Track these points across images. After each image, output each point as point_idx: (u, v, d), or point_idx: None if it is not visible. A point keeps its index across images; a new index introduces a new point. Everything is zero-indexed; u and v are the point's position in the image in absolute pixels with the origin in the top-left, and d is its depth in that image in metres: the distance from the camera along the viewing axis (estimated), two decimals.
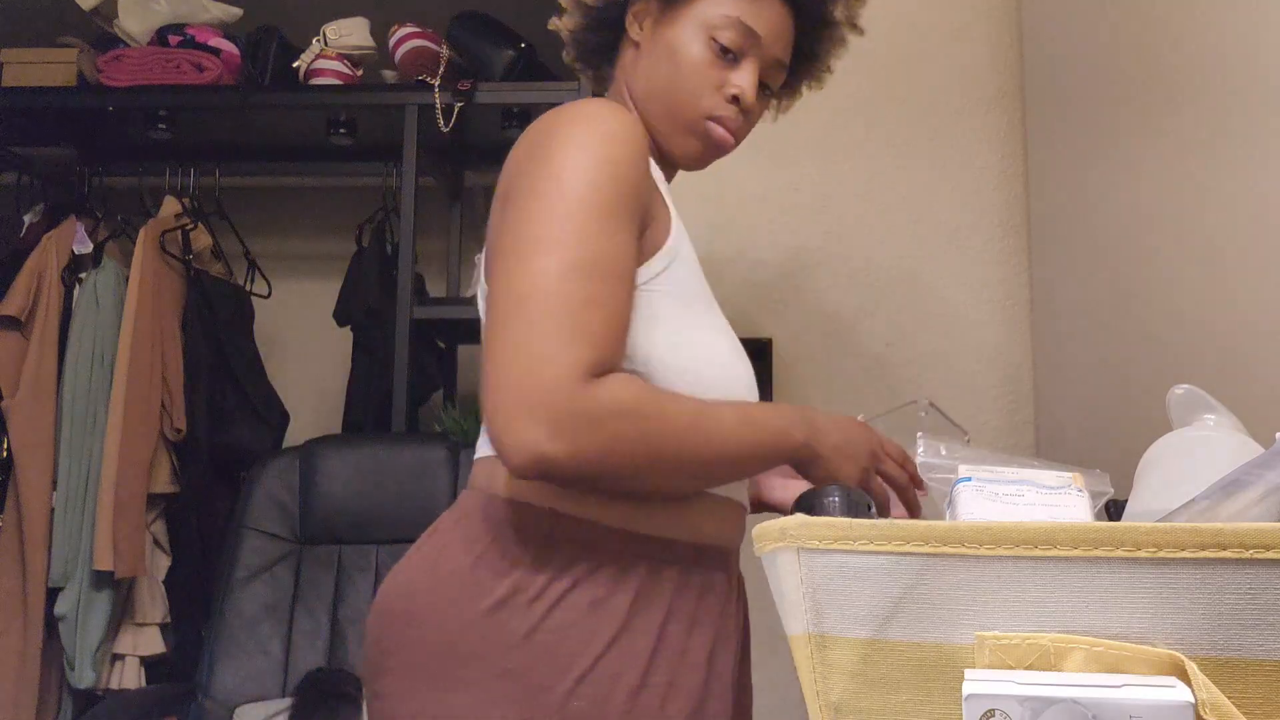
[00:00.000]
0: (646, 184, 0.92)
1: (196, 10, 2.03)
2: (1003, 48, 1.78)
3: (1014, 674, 0.49)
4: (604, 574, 0.90)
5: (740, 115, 1.03)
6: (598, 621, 0.89)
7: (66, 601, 1.78)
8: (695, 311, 0.96)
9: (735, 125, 1.03)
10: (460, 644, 0.88)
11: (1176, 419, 0.75)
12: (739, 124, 1.03)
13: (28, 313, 1.88)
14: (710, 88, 1.01)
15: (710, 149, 1.04)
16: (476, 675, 0.87)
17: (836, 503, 0.70)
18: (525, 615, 0.88)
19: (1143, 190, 1.29)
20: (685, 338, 0.94)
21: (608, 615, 0.89)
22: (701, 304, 0.98)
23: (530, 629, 0.88)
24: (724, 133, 1.02)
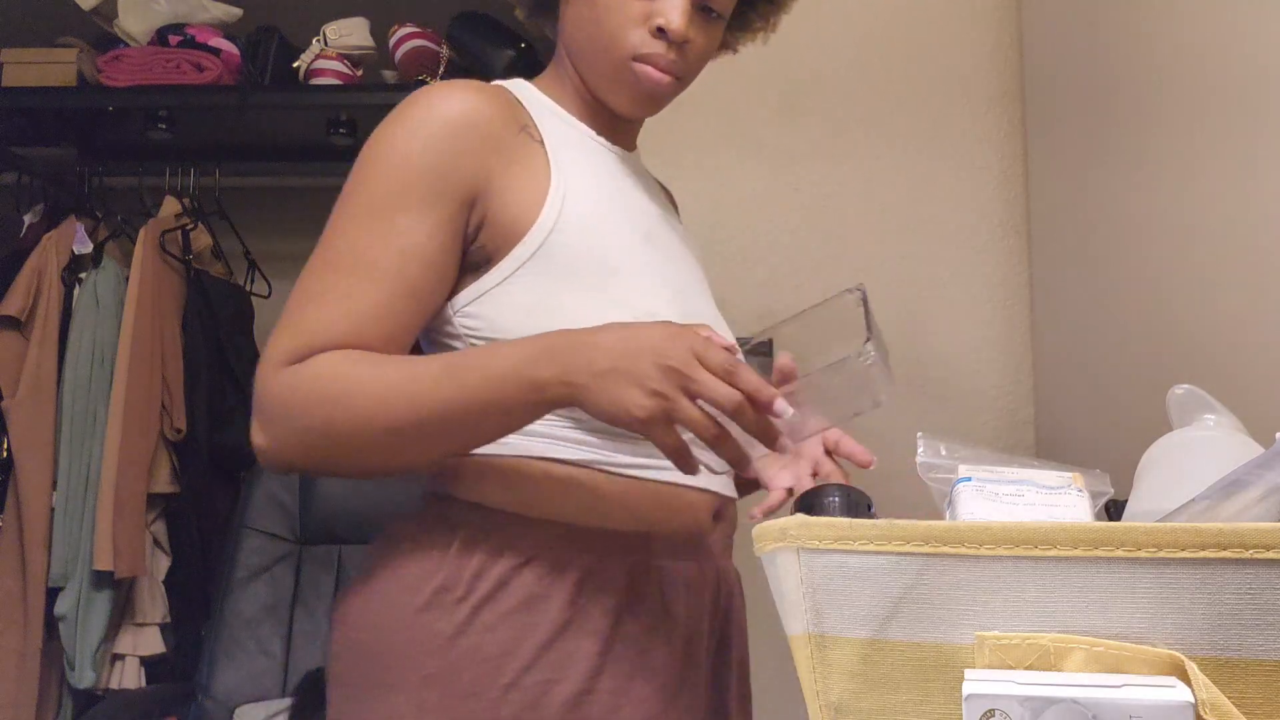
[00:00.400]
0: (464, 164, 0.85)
1: (196, 10, 2.03)
2: (1003, 48, 1.78)
3: (1014, 674, 0.49)
4: (538, 568, 0.84)
5: (673, 50, 0.90)
6: (531, 621, 0.83)
7: (66, 601, 1.78)
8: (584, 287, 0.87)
9: (667, 62, 0.90)
10: (388, 648, 0.84)
11: (1176, 419, 0.75)
12: (672, 60, 0.90)
13: (28, 313, 1.88)
14: (632, 22, 0.89)
15: (642, 95, 0.92)
16: (402, 681, 0.83)
17: (836, 503, 0.70)
18: (451, 615, 0.83)
19: (1143, 190, 1.29)
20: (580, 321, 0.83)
21: (543, 615, 0.83)
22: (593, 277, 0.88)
23: (456, 630, 0.82)
24: (655, 73, 0.90)
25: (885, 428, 1.74)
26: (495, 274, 0.86)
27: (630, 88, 0.92)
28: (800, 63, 1.79)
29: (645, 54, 0.90)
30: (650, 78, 0.91)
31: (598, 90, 0.95)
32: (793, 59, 1.79)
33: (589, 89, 0.96)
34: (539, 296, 0.86)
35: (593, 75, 0.94)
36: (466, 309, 0.88)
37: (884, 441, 1.72)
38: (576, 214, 0.88)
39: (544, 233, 0.86)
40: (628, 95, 0.93)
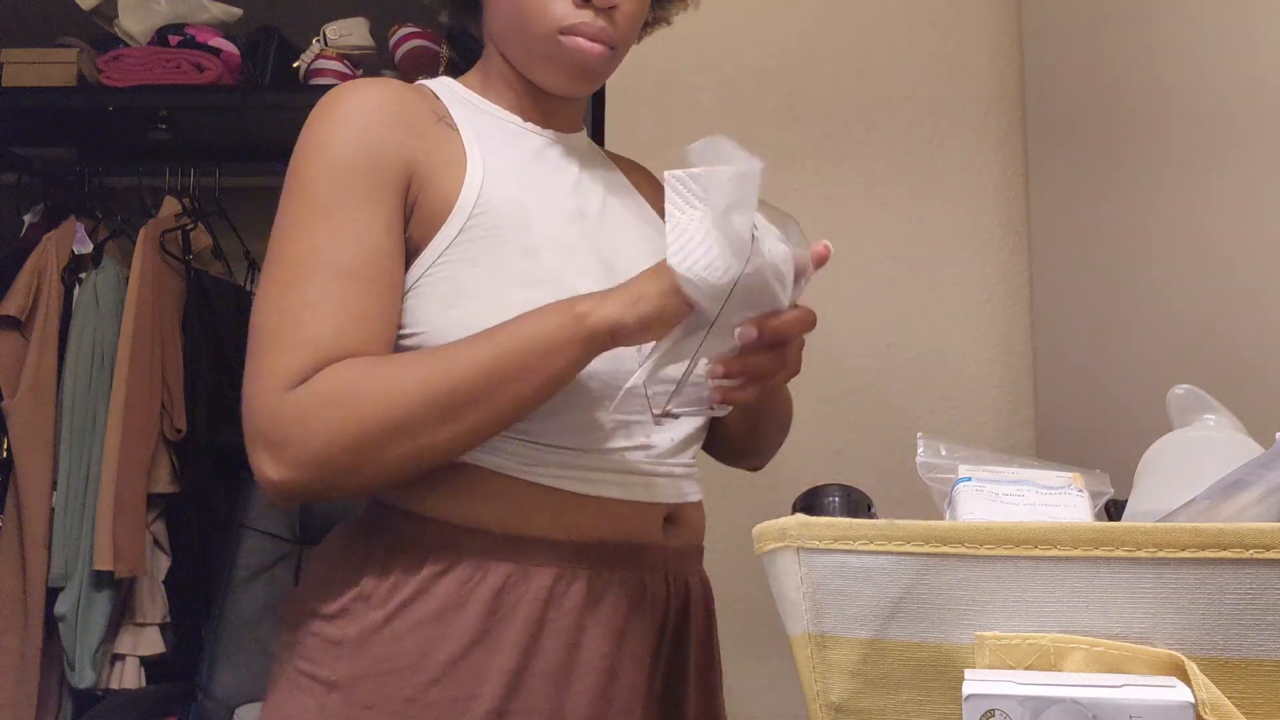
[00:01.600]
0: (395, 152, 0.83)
1: (196, 10, 2.03)
2: (1003, 48, 1.78)
3: (1014, 674, 0.49)
4: (458, 576, 0.80)
5: (601, 16, 0.87)
6: (442, 633, 0.79)
7: (66, 601, 1.78)
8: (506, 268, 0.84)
9: (596, 30, 0.87)
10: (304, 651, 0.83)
11: (1176, 419, 0.75)
12: (602, 28, 0.87)
13: (28, 313, 1.88)
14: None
15: (575, 69, 0.89)
16: (310, 684, 0.81)
17: (836, 503, 0.70)
18: (363, 622, 0.80)
19: (1143, 190, 1.29)
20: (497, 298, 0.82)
21: (456, 626, 0.79)
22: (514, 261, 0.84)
23: (363, 639, 0.80)
24: (585, 43, 0.87)
25: (886, 427, 1.74)
26: (418, 266, 0.83)
27: (561, 62, 0.88)
28: (800, 63, 1.79)
29: (572, 25, 0.86)
30: (581, 49, 0.87)
31: (528, 72, 0.92)
32: (793, 59, 1.79)
33: (519, 73, 0.93)
34: (460, 283, 0.82)
35: (521, 56, 0.91)
36: None
37: (884, 441, 1.73)
38: (494, 196, 0.85)
39: (462, 217, 0.83)
40: (560, 71, 0.89)
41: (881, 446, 1.71)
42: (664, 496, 0.90)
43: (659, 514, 0.90)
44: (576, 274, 0.86)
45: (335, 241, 0.80)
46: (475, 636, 0.79)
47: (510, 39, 0.91)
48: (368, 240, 0.80)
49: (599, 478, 0.86)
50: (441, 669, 0.79)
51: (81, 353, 1.86)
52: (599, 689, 0.82)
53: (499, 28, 0.92)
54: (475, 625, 0.80)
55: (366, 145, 0.82)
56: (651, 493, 0.88)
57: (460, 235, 0.83)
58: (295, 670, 0.83)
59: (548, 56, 0.89)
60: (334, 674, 0.80)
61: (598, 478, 0.85)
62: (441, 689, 0.78)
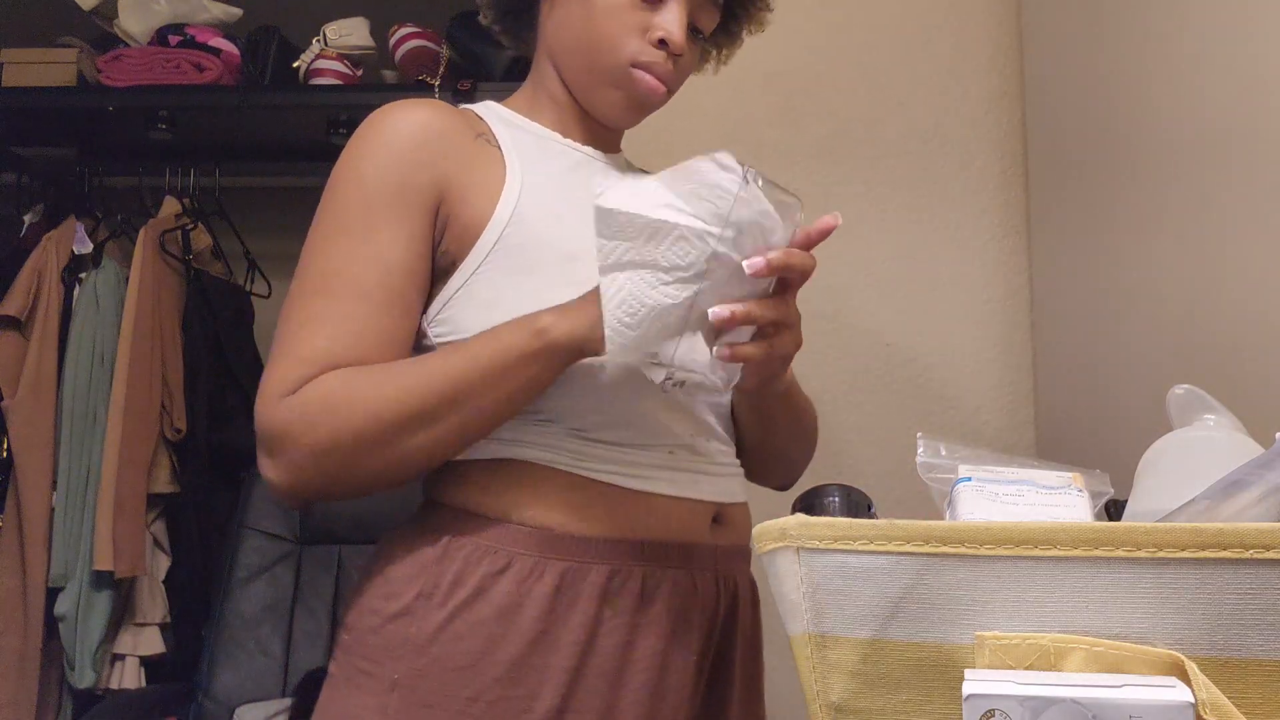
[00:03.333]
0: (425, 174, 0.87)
1: (196, 10, 2.03)
2: (1003, 48, 1.78)
3: (1014, 674, 0.49)
4: (516, 574, 0.82)
5: (669, 60, 0.92)
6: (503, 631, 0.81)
7: (66, 601, 1.78)
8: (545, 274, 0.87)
9: (664, 72, 0.92)
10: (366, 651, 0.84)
11: (1176, 419, 0.75)
12: (668, 71, 0.92)
13: (28, 313, 1.88)
14: (633, 32, 0.90)
15: (636, 101, 0.94)
16: (371, 683, 0.82)
17: (836, 503, 0.70)
18: (425, 622, 0.82)
19: (1143, 190, 1.29)
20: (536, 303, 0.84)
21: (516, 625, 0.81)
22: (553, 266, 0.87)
23: (428, 638, 0.82)
24: (652, 80, 0.92)
25: (886, 427, 1.74)
26: (459, 276, 0.87)
27: (625, 91, 0.93)
28: (800, 63, 1.79)
29: (645, 62, 0.91)
30: (648, 83, 0.92)
31: (586, 95, 0.95)
32: (793, 60, 1.79)
33: (573, 94, 0.96)
34: (499, 291, 0.86)
35: (583, 79, 0.94)
36: (438, 316, 0.88)
37: (884, 441, 1.73)
38: (533, 205, 0.88)
39: (500, 226, 0.87)
40: (620, 100, 0.94)
41: (881, 446, 1.71)
42: (712, 495, 0.92)
43: (708, 513, 0.92)
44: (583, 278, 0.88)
45: (351, 261, 0.84)
46: (535, 635, 0.81)
47: (575, 61, 0.94)
48: (382, 261, 0.84)
49: (650, 474, 0.88)
50: (504, 668, 0.81)
51: (81, 353, 1.86)
52: (651, 686, 0.84)
53: (563, 47, 0.95)
54: (535, 624, 0.81)
55: (397, 169, 0.86)
56: (700, 490, 0.91)
57: (498, 244, 0.86)
58: (355, 669, 0.84)
59: (614, 84, 0.93)
60: (395, 673, 0.81)
61: (649, 474, 0.88)
62: (503, 688, 0.80)
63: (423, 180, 0.87)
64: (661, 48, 0.91)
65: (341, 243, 0.85)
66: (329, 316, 0.83)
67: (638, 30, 0.91)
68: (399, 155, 0.87)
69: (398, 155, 0.87)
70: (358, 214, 0.85)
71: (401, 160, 0.87)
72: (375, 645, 0.84)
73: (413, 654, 0.81)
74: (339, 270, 0.84)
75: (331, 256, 0.85)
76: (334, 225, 0.86)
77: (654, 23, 0.91)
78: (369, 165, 0.87)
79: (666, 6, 0.91)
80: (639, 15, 0.90)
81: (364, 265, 0.84)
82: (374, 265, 0.84)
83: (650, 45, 0.91)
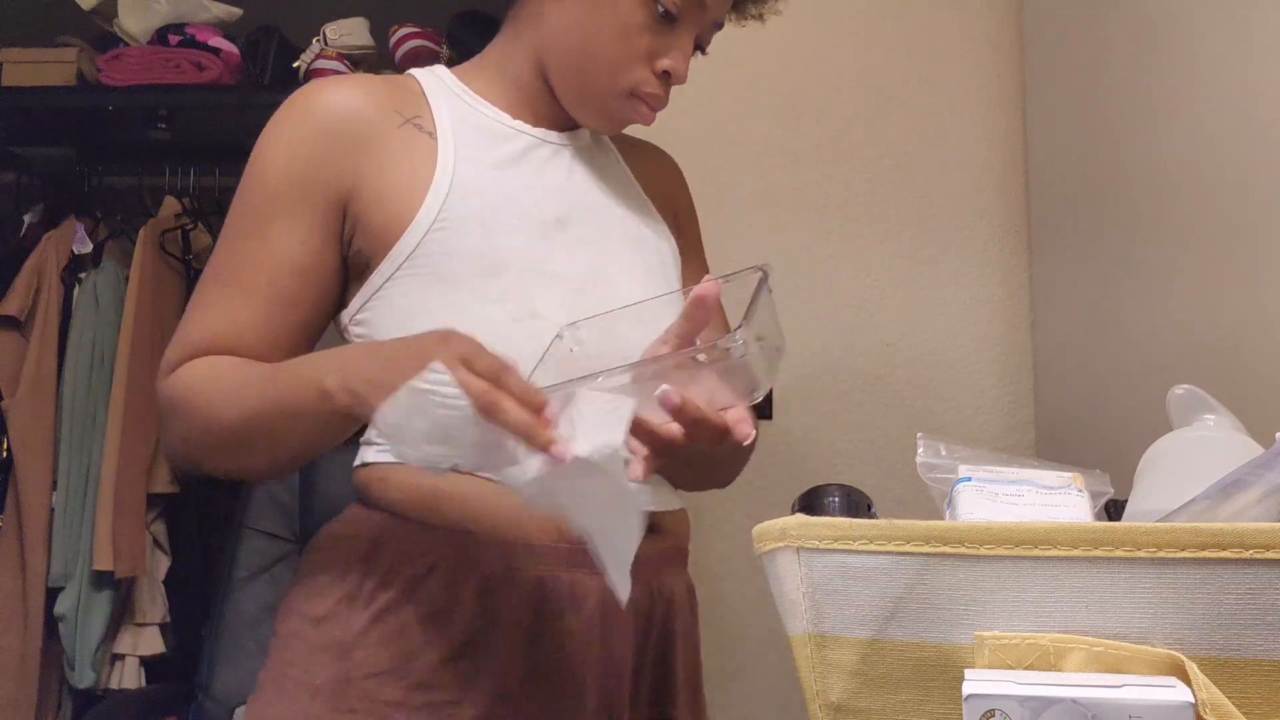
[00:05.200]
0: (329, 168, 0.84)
1: (196, 10, 2.03)
2: (1003, 47, 1.78)
3: (1014, 674, 0.49)
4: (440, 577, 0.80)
5: (667, 90, 0.89)
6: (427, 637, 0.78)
7: (66, 601, 1.78)
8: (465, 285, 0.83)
9: (661, 103, 0.89)
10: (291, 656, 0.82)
11: (1176, 419, 0.75)
12: (664, 101, 0.89)
13: (28, 313, 1.88)
14: (639, 58, 0.86)
15: (623, 123, 0.92)
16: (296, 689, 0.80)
17: (836, 503, 0.70)
18: (349, 626, 0.79)
19: (1143, 190, 1.29)
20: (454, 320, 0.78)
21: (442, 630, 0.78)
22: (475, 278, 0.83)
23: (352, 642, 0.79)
24: (647, 111, 0.89)
25: (886, 427, 1.74)
26: (376, 278, 0.85)
27: (614, 116, 0.90)
28: (801, 63, 1.79)
29: (646, 93, 0.88)
30: (641, 113, 0.90)
31: (569, 98, 0.90)
32: (793, 60, 1.79)
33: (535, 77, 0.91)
34: (416, 299, 0.83)
35: (573, 86, 0.89)
36: (357, 316, 0.87)
37: (884, 441, 1.73)
38: (460, 208, 0.84)
39: (421, 231, 0.83)
40: (606, 119, 0.91)
41: (881, 446, 1.71)
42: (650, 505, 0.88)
43: None
44: (543, 291, 0.85)
45: (246, 257, 0.84)
46: (463, 641, 0.78)
47: (569, 68, 0.89)
48: (272, 259, 0.83)
49: None
50: (428, 673, 0.78)
51: (81, 353, 1.86)
52: (581, 694, 0.81)
53: (561, 48, 0.88)
54: (462, 629, 0.79)
55: (301, 162, 0.84)
56: None
57: (418, 250, 0.83)
58: (280, 674, 0.82)
59: (603, 107, 0.89)
60: (318, 679, 0.79)
61: None
62: (428, 693, 0.77)
63: (328, 175, 0.84)
64: (665, 79, 0.88)
65: (239, 235, 0.86)
66: (219, 306, 0.84)
67: (645, 57, 0.87)
68: (305, 146, 0.84)
69: (303, 146, 0.84)
70: (256, 207, 0.85)
71: (307, 153, 0.84)
72: (300, 650, 0.81)
73: (335, 659, 0.79)
74: (234, 264, 0.85)
75: (232, 248, 0.86)
76: (237, 215, 0.87)
77: (663, 50, 0.87)
78: (273, 155, 0.85)
79: (680, 34, 0.86)
80: (649, 40, 0.86)
81: (255, 262, 0.84)
82: (264, 263, 0.84)
83: (653, 75, 0.88)
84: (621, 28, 0.85)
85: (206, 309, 0.84)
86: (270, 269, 0.83)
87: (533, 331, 0.82)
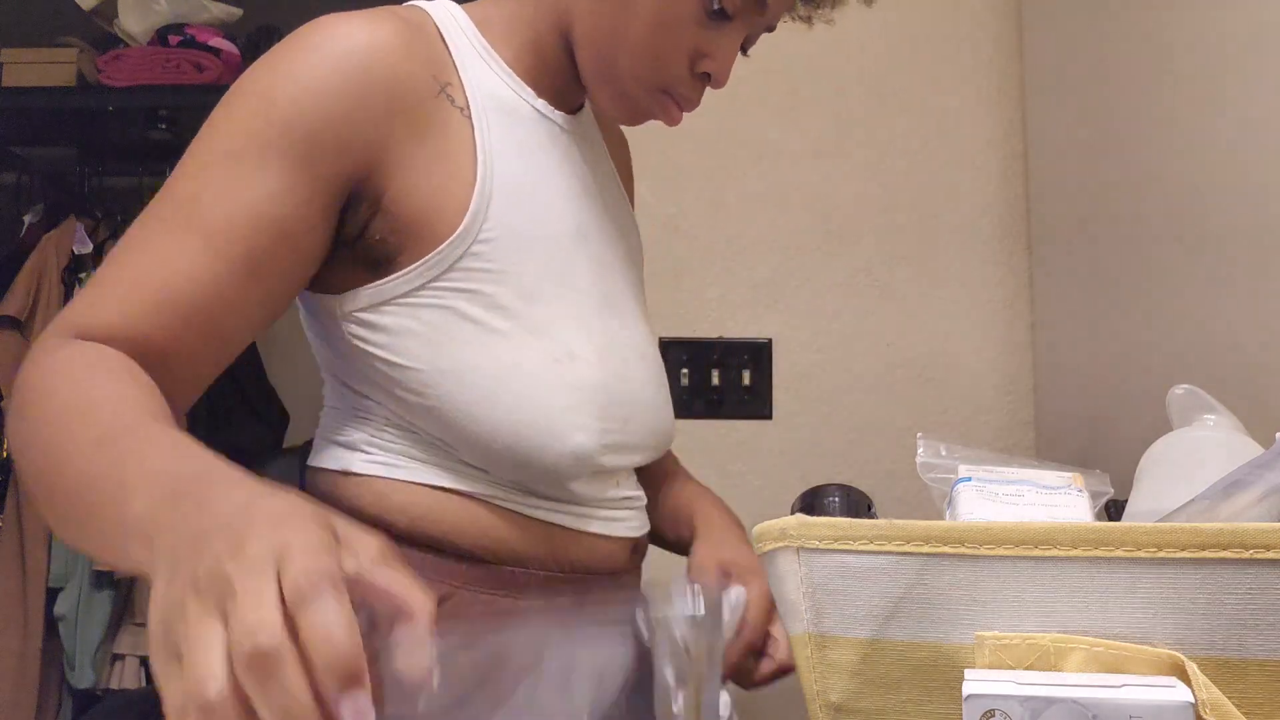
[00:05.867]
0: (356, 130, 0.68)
1: (196, 10, 2.03)
2: (1003, 45, 1.78)
3: (1014, 674, 0.49)
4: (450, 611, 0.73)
5: (701, 92, 0.80)
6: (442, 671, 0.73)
7: (66, 601, 1.78)
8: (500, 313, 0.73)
9: (693, 106, 0.80)
10: None
11: (1176, 419, 0.75)
12: (696, 105, 0.80)
13: (28, 313, 1.88)
14: (682, 53, 0.76)
15: (644, 117, 0.81)
16: None
17: (836, 503, 0.70)
18: None
19: (1143, 190, 1.29)
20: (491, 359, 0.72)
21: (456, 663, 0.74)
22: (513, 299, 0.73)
23: None
24: (677, 112, 0.80)
25: (886, 427, 1.74)
26: (402, 281, 0.72)
27: (638, 110, 0.80)
28: (801, 63, 1.79)
29: (681, 94, 0.78)
30: (670, 115, 0.80)
31: (591, 78, 0.79)
32: (794, 60, 1.79)
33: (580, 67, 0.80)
34: (445, 319, 0.72)
35: (599, 69, 0.78)
36: (361, 315, 0.73)
37: (884, 441, 1.73)
38: (501, 219, 0.74)
39: (465, 242, 0.72)
40: (627, 112, 0.81)
41: (881, 446, 1.71)
42: (634, 531, 0.87)
43: (629, 544, 0.87)
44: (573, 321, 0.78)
45: (219, 196, 0.66)
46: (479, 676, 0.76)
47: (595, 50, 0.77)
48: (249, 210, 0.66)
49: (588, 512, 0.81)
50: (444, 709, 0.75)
51: None
52: None
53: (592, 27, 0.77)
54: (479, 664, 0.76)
55: (313, 115, 0.67)
56: (628, 527, 0.85)
57: (460, 262, 0.72)
58: None
59: (627, 98, 0.79)
60: None
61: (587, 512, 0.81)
62: None
63: (347, 139, 0.68)
64: (704, 81, 0.79)
65: (214, 173, 0.66)
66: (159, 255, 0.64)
67: (687, 53, 0.76)
68: (327, 98, 0.68)
69: (325, 97, 0.68)
70: (242, 145, 0.67)
71: (328, 106, 0.68)
72: None
73: None
74: (199, 202, 0.66)
75: (197, 183, 0.66)
76: (216, 148, 0.67)
77: (708, 49, 0.77)
78: (283, 93, 0.68)
79: (729, 34, 0.76)
80: (694, 36, 0.76)
81: (232, 207, 0.65)
82: (239, 213, 0.65)
83: (691, 75, 0.77)
84: (666, 17, 0.74)
85: (139, 257, 0.64)
86: (246, 222, 0.65)
87: (570, 378, 0.75)
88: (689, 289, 1.71)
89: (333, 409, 0.82)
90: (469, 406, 0.72)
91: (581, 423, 0.74)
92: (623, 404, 0.78)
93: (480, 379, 0.72)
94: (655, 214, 1.71)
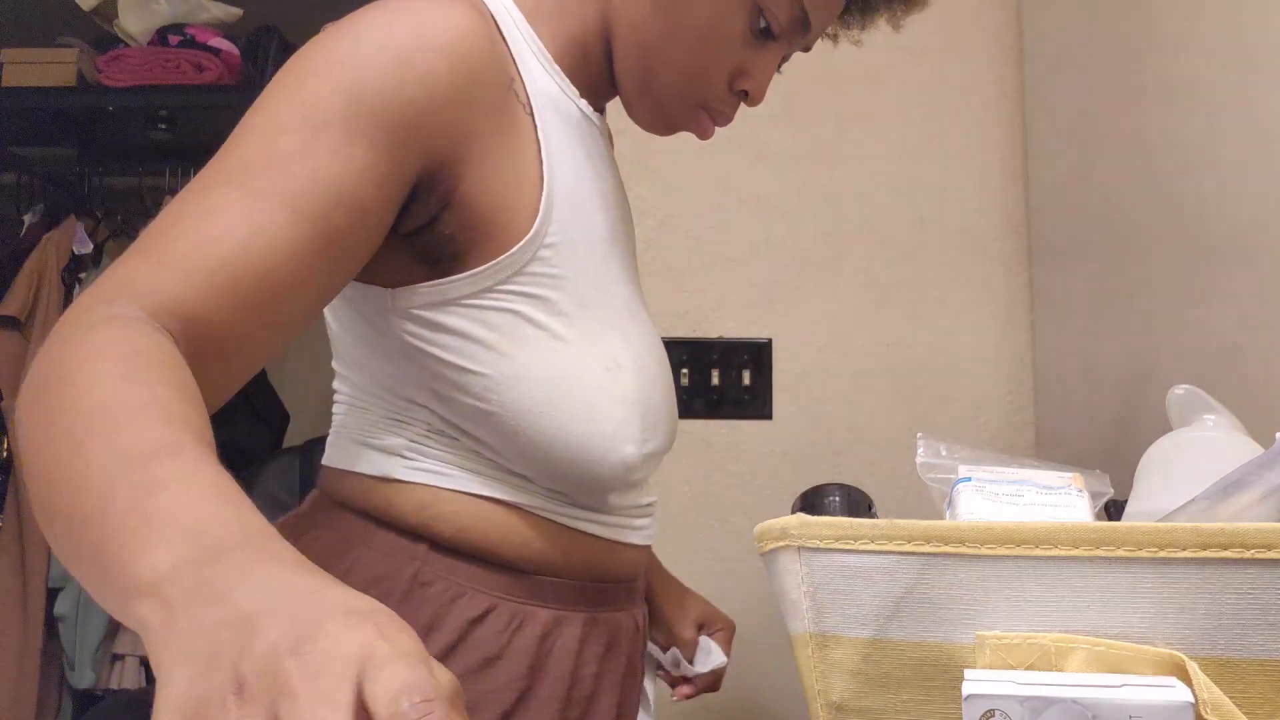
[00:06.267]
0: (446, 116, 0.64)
1: (196, 10, 2.03)
2: (1004, 47, 1.78)
3: (1014, 674, 0.49)
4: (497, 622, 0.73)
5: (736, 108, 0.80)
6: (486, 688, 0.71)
7: (66, 601, 1.78)
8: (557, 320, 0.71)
9: (727, 122, 0.80)
10: None
11: (1176, 419, 0.75)
12: (730, 120, 0.80)
13: (28, 313, 1.88)
14: (723, 69, 0.75)
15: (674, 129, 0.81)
16: None
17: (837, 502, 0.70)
18: None
19: (1143, 190, 1.29)
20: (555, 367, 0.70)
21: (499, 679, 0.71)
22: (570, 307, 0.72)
23: None
24: (710, 128, 0.80)
25: (886, 427, 1.74)
26: (468, 282, 0.69)
27: (671, 122, 0.79)
28: (801, 64, 1.79)
29: (716, 109, 0.78)
30: (703, 129, 0.79)
31: (626, 84, 0.78)
32: (794, 60, 1.79)
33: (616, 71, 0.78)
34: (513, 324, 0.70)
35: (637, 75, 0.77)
36: (421, 313, 0.70)
37: (884, 442, 1.73)
38: (563, 223, 0.72)
39: (535, 246, 0.70)
40: (660, 122, 0.80)
41: (881, 446, 1.71)
42: (653, 537, 0.87)
43: (648, 551, 0.88)
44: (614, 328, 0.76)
45: (300, 164, 0.59)
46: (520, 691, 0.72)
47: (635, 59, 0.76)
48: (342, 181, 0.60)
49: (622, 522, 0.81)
50: None
51: None
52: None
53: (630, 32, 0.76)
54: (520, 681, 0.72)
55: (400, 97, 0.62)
56: (648, 535, 0.85)
57: (529, 265, 0.70)
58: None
59: (663, 110, 0.78)
60: None
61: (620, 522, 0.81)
62: None
63: (433, 127, 0.64)
64: (739, 98, 0.79)
65: (295, 139, 0.60)
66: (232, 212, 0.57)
67: (729, 70, 0.76)
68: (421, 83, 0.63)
69: (420, 82, 0.63)
70: (325, 113, 0.60)
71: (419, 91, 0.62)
72: None
73: None
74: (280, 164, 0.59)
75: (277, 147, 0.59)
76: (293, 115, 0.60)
77: (748, 67, 0.76)
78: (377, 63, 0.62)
79: (769, 53, 0.77)
80: (739, 53, 0.75)
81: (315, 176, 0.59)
82: (330, 181, 0.60)
83: (729, 91, 0.77)
84: (712, 35, 0.74)
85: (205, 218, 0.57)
86: (329, 194, 0.59)
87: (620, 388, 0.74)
88: (689, 289, 1.71)
89: (357, 409, 0.78)
90: (533, 415, 0.70)
91: (630, 434, 0.74)
92: (654, 411, 0.78)
93: (545, 387, 0.70)
94: (655, 214, 1.71)
